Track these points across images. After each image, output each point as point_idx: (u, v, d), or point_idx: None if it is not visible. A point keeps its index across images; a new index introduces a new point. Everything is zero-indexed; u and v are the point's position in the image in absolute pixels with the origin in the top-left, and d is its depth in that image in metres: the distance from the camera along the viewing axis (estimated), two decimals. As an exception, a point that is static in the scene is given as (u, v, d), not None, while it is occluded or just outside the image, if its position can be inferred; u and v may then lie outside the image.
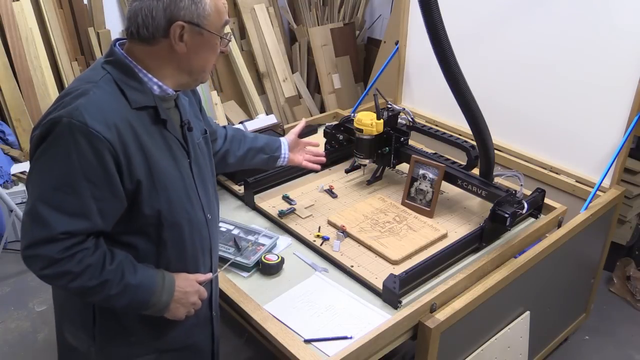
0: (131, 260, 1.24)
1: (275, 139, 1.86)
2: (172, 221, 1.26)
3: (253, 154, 1.79)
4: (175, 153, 1.27)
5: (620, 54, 2.08)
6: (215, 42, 1.24)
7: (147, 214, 1.21)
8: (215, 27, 1.22)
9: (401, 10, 2.81)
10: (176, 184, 1.26)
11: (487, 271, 1.77)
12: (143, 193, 1.19)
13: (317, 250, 1.84)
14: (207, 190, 1.38)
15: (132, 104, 1.18)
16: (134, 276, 1.22)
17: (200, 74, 1.27)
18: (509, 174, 2.01)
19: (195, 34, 1.19)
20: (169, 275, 1.29)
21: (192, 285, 1.33)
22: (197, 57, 1.23)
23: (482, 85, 2.08)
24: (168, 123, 1.25)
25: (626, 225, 2.86)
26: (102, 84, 1.17)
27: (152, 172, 1.20)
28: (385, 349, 1.55)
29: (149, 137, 1.20)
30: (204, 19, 1.19)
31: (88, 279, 1.17)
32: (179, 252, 1.31)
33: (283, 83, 3.87)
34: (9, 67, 3.10)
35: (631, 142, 2.22)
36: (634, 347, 2.55)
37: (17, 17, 3.10)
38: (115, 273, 1.19)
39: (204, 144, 1.42)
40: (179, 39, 1.18)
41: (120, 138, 1.14)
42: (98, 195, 1.14)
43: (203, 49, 1.22)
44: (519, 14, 2.35)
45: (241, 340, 2.50)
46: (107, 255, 1.20)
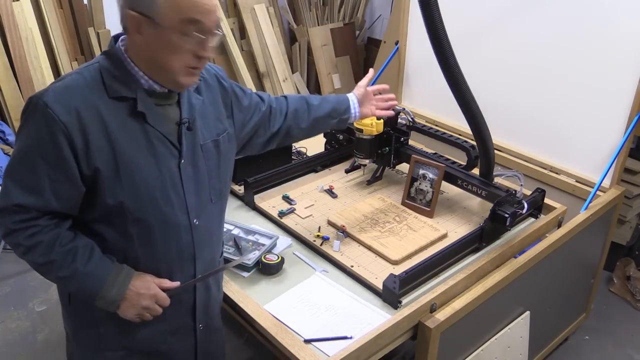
0: (91, 249, 1.23)
1: (344, 99, 1.75)
2: (137, 217, 1.23)
3: (321, 122, 1.70)
4: (156, 149, 1.23)
5: (620, 54, 2.08)
6: (174, 40, 1.14)
7: (109, 203, 1.20)
8: (170, 22, 1.13)
9: (401, 10, 2.81)
10: (149, 180, 1.22)
11: (487, 271, 1.77)
12: (103, 181, 1.18)
13: (317, 250, 1.83)
14: (200, 194, 1.33)
15: (110, 93, 1.18)
16: (86, 264, 1.21)
17: (166, 74, 1.20)
18: (509, 174, 2.01)
19: (149, 27, 1.14)
20: (129, 272, 1.27)
21: (148, 287, 1.27)
22: (157, 54, 1.17)
23: (482, 85, 2.08)
24: (148, 117, 1.21)
25: (626, 225, 2.86)
26: (85, 71, 1.19)
27: (118, 162, 1.18)
28: (385, 349, 1.55)
29: (122, 127, 1.19)
30: (156, 13, 1.12)
31: (38, 255, 1.20)
32: (149, 251, 1.28)
33: (283, 83, 3.87)
34: (9, 67, 3.10)
35: (631, 142, 2.22)
36: (633, 347, 2.55)
37: (17, 17, 3.10)
38: (66, 256, 1.20)
39: (212, 147, 1.36)
40: (136, 31, 1.16)
41: (80, 123, 1.14)
42: (52, 175, 1.16)
43: (159, 45, 1.16)
44: (519, 14, 2.35)
45: (241, 340, 2.50)
46: (64, 237, 1.21)
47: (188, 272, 1.35)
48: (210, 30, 1.18)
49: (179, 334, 1.41)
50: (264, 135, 1.59)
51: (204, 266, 1.38)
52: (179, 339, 1.42)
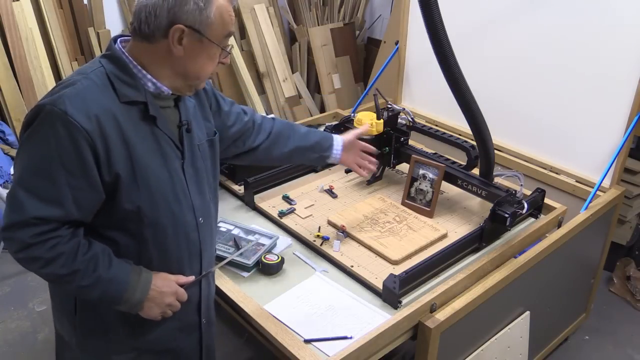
0: (109, 254, 1.23)
1: (329, 137, 1.77)
2: (153, 219, 1.24)
3: (302, 152, 1.72)
4: (165, 152, 1.26)
5: (620, 53, 2.08)
6: (214, 51, 1.23)
7: (126, 208, 1.21)
8: (217, 37, 1.21)
9: (401, 10, 2.81)
10: (162, 183, 1.25)
11: (487, 271, 1.77)
12: (122, 187, 1.19)
13: (317, 250, 1.83)
14: (202, 194, 1.36)
15: (121, 97, 1.18)
16: (108, 270, 1.21)
17: (194, 80, 1.26)
18: (509, 174, 2.01)
19: (194, 39, 1.18)
20: (147, 272, 1.28)
21: (169, 285, 1.30)
22: (193, 64, 1.22)
23: (482, 85, 2.08)
24: (158, 120, 1.24)
25: (626, 225, 2.86)
26: (93, 76, 1.18)
27: (134, 167, 1.19)
28: (385, 349, 1.55)
29: (136, 132, 1.20)
30: (207, 26, 1.18)
31: (60, 266, 1.18)
32: (162, 252, 1.30)
33: (283, 83, 3.87)
34: (9, 67, 3.10)
35: (631, 142, 2.22)
36: (633, 347, 2.55)
37: (17, 17, 3.10)
38: (88, 264, 1.19)
39: (207, 147, 1.40)
40: (177, 42, 1.18)
41: (100, 129, 1.14)
42: (74, 184, 1.14)
43: (200, 56, 1.21)
44: (518, 14, 2.35)
45: (241, 340, 2.50)
46: (82, 245, 1.20)
47: (195, 268, 1.39)
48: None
49: (186, 331, 1.43)
50: (242, 147, 1.63)
51: (207, 261, 1.43)
52: (187, 335, 1.44)
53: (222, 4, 1.19)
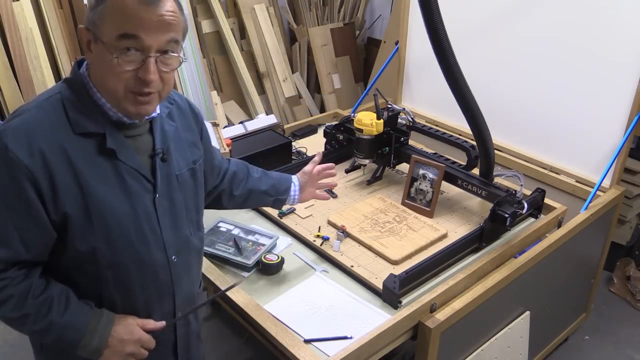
0: (66, 296, 1.13)
1: (285, 179, 1.65)
2: (112, 260, 1.13)
3: (256, 196, 1.59)
4: (128, 186, 1.13)
5: (620, 54, 2.08)
6: (104, 55, 1.02)
7: (80, 249, 1.10)
8: (109, 37, 1.01)
9: (401, 10, 2.81)
10: (122, 221, 1.12)
11: (487, 271, 1.77)
12: (73, 227, 1.08)
13: (317, 250, 1.83)
14: (178, 229, 1.23)
15: (75, 128, 1.07)
16: (62, 314, 1.12)
17: (114, 98, 1.07)
18: (509, 174, 2.01)
19: (94, 43, 1.04)
20: (108, 317, 1.17)
21: (131, 332, 1.18)
22: (101, 74, 1.06)
23: (482, 85, 2.08)
24: (119, 153, 1.11)
25: (626, 225, 2.86)
26: (46, 104, 1.07)
27: (88, 205, 1.08)
28: (385, 349, 1.55)
29: (91, 166, 1.08)
30: (97, 26, 1.02)
31: (9, 309, 1.09)
32: (125, 294, 1.19)
33: (283, 83, 3.87)
34: (9, 67, 3.10)
35: (631, 142, 2.22)
36: (634, 347, 2.55)
37: (17, 17, 3.10)
38: (40, 307, 1.10)
39: (189, 176, 1.26)
40: (87, 48, 1.06)
41: (45, 165, 1.03)
42: (19, 223, 1.05)
43: (102, 62, 1.04)
44: (518, 14, 2.35)
45: (241, 340, 2.50)
46: (36, 287, 1.11)
47: (167, 310, 1.27)
48: (151, 49, 1.03)
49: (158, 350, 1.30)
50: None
51: (182, 302, 1.29)
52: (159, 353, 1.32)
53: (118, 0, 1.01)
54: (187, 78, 3.35)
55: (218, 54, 3.68)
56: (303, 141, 2.58)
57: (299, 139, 2.59)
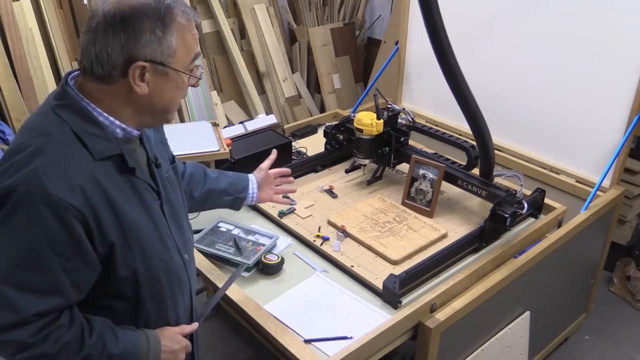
0: (110, 326, 1.12)
1: (243, 177, 1.67)
2: (149, 277, 1.14)
3: (215, 195, 1.60)
4: (146, 200, 1.14)
5: (620, 54, 2.08)
6: (182, 80, 1.09)
7: (122, 275, 1.10)
8: (183, 64, 1.08)
9: (401, 10, 2.81)
10: (150, 235, 1.13)
11: (487, 271, 1.77)
12: (117, 254, 1.07)
13: (317, 250, 1.83)
14: (181, 229, 1.26)
15: (95, 155, 1.04)
16: (116, 345, 1.10)
17: (164, 114, 1.13)
18: (509, 174, 2.01)
19: (158, 73, 1.05)
20: (153, 335, 1.18)
21: (178, 341, 1.23)
22: (161, 98, 1.08)
23: (482, 85, 2.08)
24: (137, 169, 1.12)
25: (626, 225, 2.86)
26: (59, 137, 1.02)
27: (124, 229, 1.07)
28: (385, 349, 1.55)
29: (117, 189, 1.07)
30: (169, 56, 1.05)
31: (67, 357, 1.06)
32: (159, 305, 1.21)
33: (283, 83, 3.87)
34: (9, 67, 3.10)
35: (631, 142, 2.22)
36: (633, 347, 2.55)
37: (17, 17, 3.10)
38: (96, 346, 1.08)
39: (173, 175, 1.29)
40: (139, 80, 1.04)
41: (87, 201, 1.00)
42: (69, 267, 1.02)
43: (168, 88, 1.08)
44: (519, 14, 2.35)
45: (241, 340, 2.50)
46: (85, 327, 1.08)
47: (187, 307, 1.31)
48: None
49: None
50: None
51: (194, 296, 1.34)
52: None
53: (182, 25, 1.05)
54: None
55: (218, 54, 3.68)
56: (303, 141, 2.58)
57: (299, 139, 2.59)
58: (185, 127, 2.68)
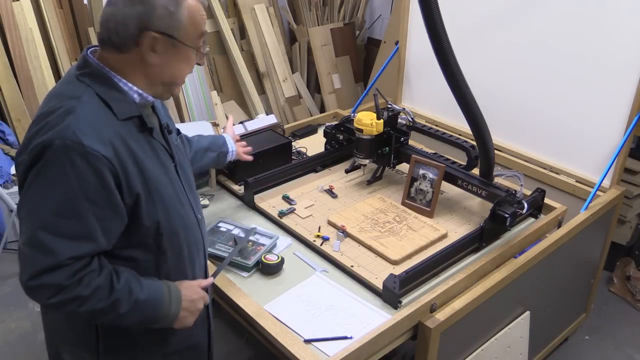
0: (135, 276, 1.21)
1: (218, 136, 1.83)
2: (170, 229, 1.24)
3: (201, 155, 1.75)
4: (162, 160, 1.25)
5: (620, 54, 2.08)
6: (189, 54, 1.20)
7: (146, 225, 1.19)
8: (191, 39, 1.19)
9: (401, 10, 2.81)
10: (168, 191, 1.24)
11: (487, 271, 1.77)
12: (142, 206, 1.17)
13: (317, 250, 1.83)
14: (192, 190, 1.38)
15: (119, 115, 1.15)
16: (142, 291, 1.19)
17: (171, 85, 1.24)
18: (509, 174, 2.01)
19: (168, 45, 1.16)
20: (174, 285, 1.27)
21: (197, 292, 1.31)
22: (169, 69, 1.20)
23: (482, 85, 2.08)
24: (154, 130, 1.23)
25: (626, 225, 2.86)
26: (87, 99, 1.13)
27: (148, 183, 1.18)
28: (385, 349, 1.55)
29: (140, 147, 1.18)
30: (178, 30, 1.15)
31: (98, 300, 1.14)
32: (178, 258, 1.30)
33: (283, 83, 3.87)
34: (9, 67, 3.10)
35: (631, 142, 2.22)
36: (633, 347, 2.55)
37: (17, 17, 3.10)
38: (124, 291, 1.17)
39: (180, 143, 1.42)
40: (150, 50, 1.15)
41: (117, 154, 1.12)
42: (100, 214, 1.11)
43: (176, 61, 1.19)
44: (519, 14, 2.35)
45: (241, 340, 2.50)
46: (113, 274, 1.17)
47: (202, 265, 1.41)
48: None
49: (199, 325, 1.42)
50: None
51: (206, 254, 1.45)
52: (200, 329, 1.46)
53: (192, 4, 1.17)
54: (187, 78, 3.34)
55: (218, 54, 3.68)
56: (303, 141, 2.58)
57: (299, 139, 2.59)
58: (185, 127, 2.66)
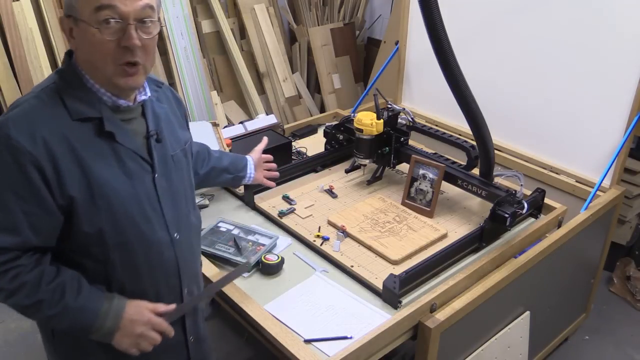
0: (78, 281, 1.16)
1: (241, 158, 1.80)
2: (118, 241, 1.17)
3: (217, 173, 1.72)
4: (129, 167, 1.18)
5: (620, 54, 2.08)
6: (90, 31, 1.08)
7: (87, 232, 1.14)
8: (85, 14, 1.07)
9: (401, 10, 2.81)
10: (126, 202, 1.17)
11: (487, 271, 1.77)
12: (79, 210, 1.12)
13: (317, 250, 1.83)
14: (177, 207, 1.28)
15: (73, 115, 1.12)
16: (75, 298, 1.15)
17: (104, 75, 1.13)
18: (509, 174, 2.01)
19: (75, 26, 1.10)
20: (120, 300, 1.20)
21: (141, 314, 1.21)
22: (83, 52, 1.12)
23: (482, 85, 2.08)
24: (117, 135, 1.16)
25: (626, 225, 2.86)
26: (42, 94, 1.12)
27: (92, 187, 1.12)
28: (385, 349, 1.55)
29: (92, 150, 1.13)
30: (74, 9, 1.09)
31: (23, 297, 1.12)
32: (133, 274, 1.22)
33: (283, 83, 3.87)
34: (9, 67, 3.10)
35: (631, 142, 2.22)
36: (633, 347, 2.55)
37: (17, 17, 3.10)
38: (53, 293, 1.13)
39: (182, 156, 1.32)
40: (69, 35, 1.12)
41: (48, 151, 1.07)
42: (27, 209, 1.09)
43: (85, 42, 1.10)
44: (518, 14, 2.35)
45: (241, 340, 2.50)
46: (48, 273, 1.14)
47: (175, 289, 1.31)
48: (129, 16, 1.08)
49: (171, 351, 1.35)
50: None
51: (189, 280, 1.34)
52: (173, 355, 1.37)
53: None
54: (187, 78, 3.35)
55: (218, 54, 3.68)
56: (303, 141, 2.58)
57: (299, 139, 2.59)
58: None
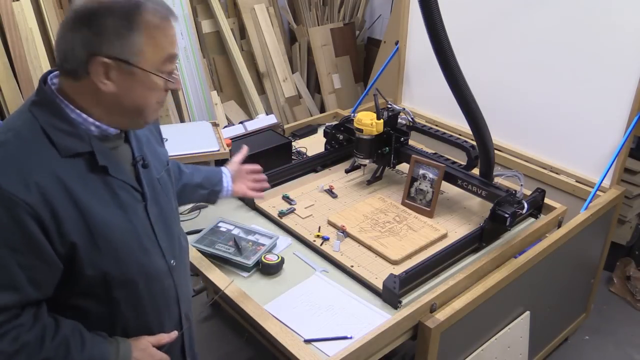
0: (80, 332, 1.10)
1: (217, 171, 1.68)
2: (122, 280, 1.11)
3: (191, 190, 1.60)
4: (122, 200, 1.11)
5: (620, 54, 2.08)
6: (153, 81, 1.05)
7: (89, 274, 1.06)
8: (152, 64, 1.03)
9: (401, 10, 2.81)
10: (125, 237, 1.10)
11: (487, 271, 1.77)
12: (81, 254, 1.04)
13: (317, 250, 1.83)
14: (170, 233, 1.23)
15: (62, 152, 1.02)
16: (81, 352, 1.08)
17: (136, 116, 1.09)
18: (509, 174, 2.01)
19: (124, 72, 1.01)
20: (125, 344, 1.15)
21: (151, 355, 1.18)
22: (130, 98, 1.05)
23: (482, 85, 2.08)
24: (110, 169, 1.08)
25: (626, 225, 2.86)
26: (24, 132, 1.01)
27: (92, 230, 1.05)
28: (385, 349, 1.55)
29: (86, 188, 1.05)
30: (134, 55, 1.01)
31: (26, 358, 1.03)
32: (137, 309, 1.17)
33: (283, 83, 3.87)
34: (9, 67, 3.10)
35: (631, 142, 2.22)
36: (633, 347, 2.55)
37: (17, 17, 3.10)
38: (58, 350, 1.06)
39: (166, 178, 1.27)
40: (104, 77, 1.01)
41: (44, 198, 0.98)
42: (25, 263, 1.00)
43: (137, 88, 1.04)
44: (519, 14, 2.35)
45: (241, 340, 2.50)
46: (49, 329, 1.06)
47: (175, 315, 1.28)
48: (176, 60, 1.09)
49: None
50: None
51: (186, 304, 1.31)
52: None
53: (152, 23, 1.01)
54: (187, 78, 3.35)
55: (218, 54, 3.68)
56: (303, 141, 2.58)
57: (299, 139, 2.59)
58: (185, 127, 2.68)
